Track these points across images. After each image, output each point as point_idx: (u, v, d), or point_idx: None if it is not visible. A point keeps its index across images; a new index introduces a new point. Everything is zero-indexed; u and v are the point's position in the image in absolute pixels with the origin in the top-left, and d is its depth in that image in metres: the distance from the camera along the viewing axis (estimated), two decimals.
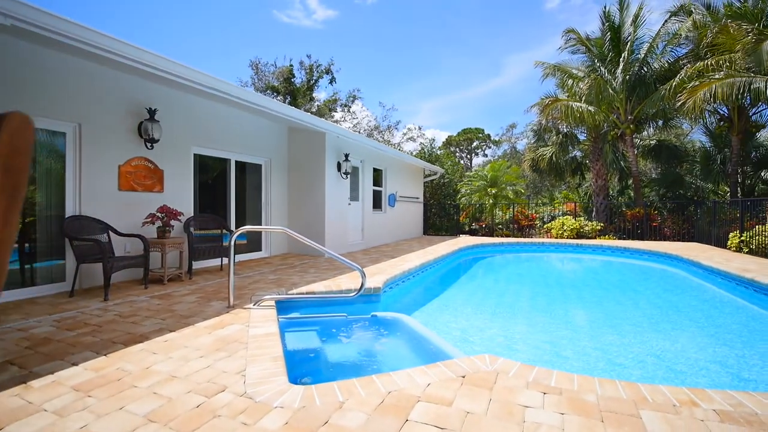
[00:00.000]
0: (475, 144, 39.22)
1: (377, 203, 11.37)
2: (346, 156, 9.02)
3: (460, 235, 14.31)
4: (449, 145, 37.39)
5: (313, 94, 26.01)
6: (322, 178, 8.49)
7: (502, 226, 15.19)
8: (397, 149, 20.67)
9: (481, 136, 38.81)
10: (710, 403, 2.10)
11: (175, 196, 6.29)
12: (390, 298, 5.39)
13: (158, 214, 5.55)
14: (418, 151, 20.51)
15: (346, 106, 27.20)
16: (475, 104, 60.14)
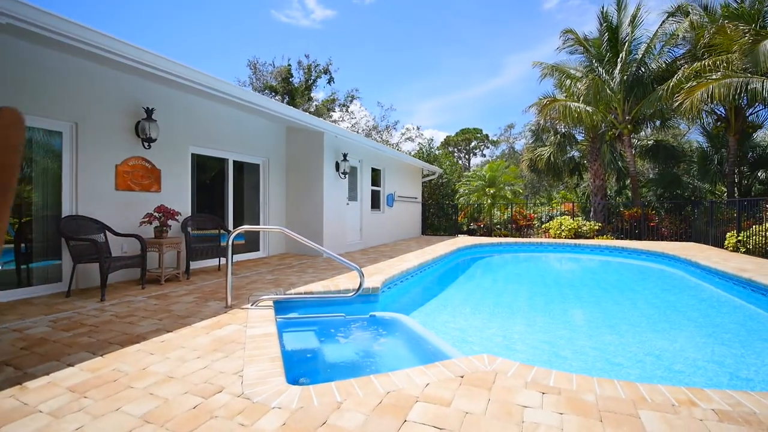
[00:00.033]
0: (473, 144, 39.29)
1: (375, 203, 11.35)
2: (345, 156, 9.00)
3: (459, 235, 14.32)
4: (447, 145, 37.40)
5: (312, 94, 25.95)
6: (320, 178, 8.48)
7: (500, 226, 15.20)
8: (396, 149, 20.65)
9: (480, 136, 38.88)
10: (709, 402, 2.10)
11: (173, 196, 6.26)
12: (388, 298, 5.38)
13: (155, 214, 5.52)
14: (417, 151, 20.51)
15: (344, 106, 27.15)
16: (473, 104, 60.34)
